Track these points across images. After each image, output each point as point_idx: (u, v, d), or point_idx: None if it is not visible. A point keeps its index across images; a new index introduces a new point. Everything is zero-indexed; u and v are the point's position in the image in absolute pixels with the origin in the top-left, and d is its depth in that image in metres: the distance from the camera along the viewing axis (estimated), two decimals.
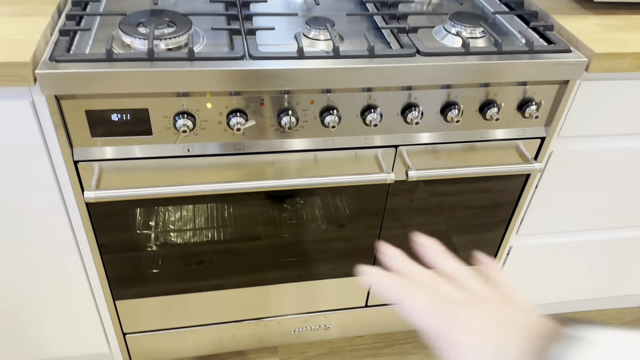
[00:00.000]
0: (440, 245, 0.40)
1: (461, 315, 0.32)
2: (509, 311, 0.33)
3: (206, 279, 1.12)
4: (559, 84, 0.94)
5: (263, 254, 1.10)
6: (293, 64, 0.82)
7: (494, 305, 0.33)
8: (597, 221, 1.22)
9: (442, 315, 0.33)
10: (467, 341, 0.31)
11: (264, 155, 0.92)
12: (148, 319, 1.16)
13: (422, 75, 0.86)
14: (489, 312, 0.32)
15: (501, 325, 0.31)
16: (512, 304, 0.34)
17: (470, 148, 1.00)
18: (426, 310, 0.34)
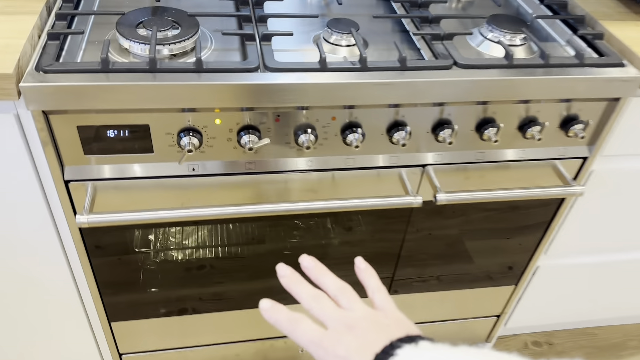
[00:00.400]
0: (321, 265, 0.44)
1: (333, 344, 0.37)
2: (373, 332, 0.37)
3: (208, 300, 1.03)
4: (607, 101, 0.84)
5: (272, 274, 1.01)
6: (314, 77, 0.72)
7: (365, 329, 0.38)
8: (630, 241, 1.13)
9: (323, 346, 0.37)
10: None
11: (277, 175, 0.83)
12: (146, 339, 1.08)
13: (459, 91, 0.76)
14: (354, 340, 0.37)
15: (360, 349, 0.36)
16: (384, 321, 0.39)
17: (504, 167, 0.90)
18: (314, 340, 0.38)
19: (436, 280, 1.12)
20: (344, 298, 0.41)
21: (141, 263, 0.92)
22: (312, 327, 0.39)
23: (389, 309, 0.41)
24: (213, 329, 1.10)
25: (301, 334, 0.39)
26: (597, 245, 1.12)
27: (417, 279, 1.10)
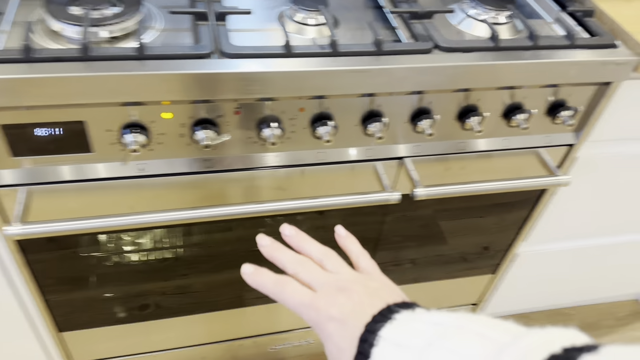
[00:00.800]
0: (302, 233, 0.43)
1: (326, 305, 0.36)
2: (366, 296, 0.36)
3: (170, 304, 0.95)
4: (597, 85, 0.77)
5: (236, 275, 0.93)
6: (278, 64, 0.62)
7: (357, 291, 0.36)
8: (611, 227, 1.09)
9: (314, 308, 0.36)
10: (331, 332, 0.35)
11: (240, 173, 0.74)
12: (104, 346, 0.99)
13: (441, 78, 0.68)
14: (347, 301, 0.36)
15: (355, 310, 0.35)
16: (372, 284, 0.38)
17: (486, 156, 0.84)
18: (304, 302, 0.37)
19: (411, 264, 1.07)
20: (329, 262, 0.40)
21: (90, 269, 0.83)
22: (300, 288, 0.38)
23: (375, 273, 0.41)
24: (177, 333, 1.02)
25: (289, 295, 0.37)
26: (577, 231, 1.08)
27: (392, 263, 1.04)
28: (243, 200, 0.76)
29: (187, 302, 0.96)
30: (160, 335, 1.01)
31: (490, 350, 0.29)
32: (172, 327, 1.00)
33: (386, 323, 0.33)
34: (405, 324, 0.33)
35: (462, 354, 0.30)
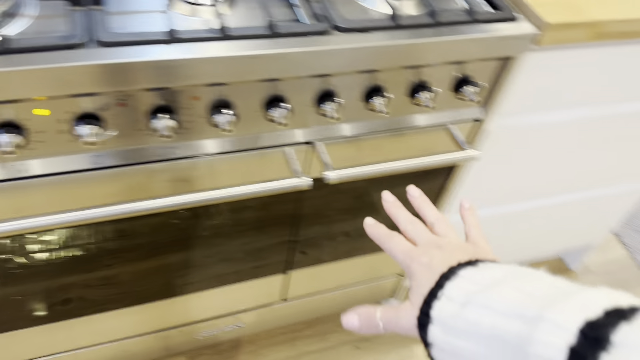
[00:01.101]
0: (425, 196, 0.47)
1: (420, 253, 0.40)
2: (460, 252, 0.39)
3: (93, 298, 0.90)
4: (501, 60, 0.77)
5: (152, 270, 0.90)
6: (162, 52, 0.58)
7: (452, 249, 0.40)
8: (526, 192, 1.13)
9: (411, 255, 0.40)
10: (417, 272, 0.38)
11: (136, 167, 0.69)
12: (16, 348, 0.94)
13: (341, 60, 0.66)
14: (439, 254, 0.39)
15: (444, 260, 0.38)
16: (471, 249, 0.41)
17: (397, 135, 0.83)
18: (404, 250, 0.41)
19: (345, 236, 1.06)
20: (440, 226, 0.43)
21: None
22: (404, 241, 0.42)
23: (482, 245, 0.42)
24: (102, 328, 0.98)
25: (394, 245, 0.42)
26: (494, 199, 1.11)
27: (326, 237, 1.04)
28: (143, 195, 0.72)
29: (112, 294, 0.92)
30: (86, 332, 0.97)
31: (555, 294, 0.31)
32: (97, 322, 0.96)
33: (468, 267, 0.36)
34: (485, 269, 0.36)
35: (524, 290, 0.32)
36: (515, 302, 0.31)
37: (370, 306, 0.41)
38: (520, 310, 0.31)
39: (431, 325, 0.35)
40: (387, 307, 0.40)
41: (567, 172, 1.11)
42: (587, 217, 1.31)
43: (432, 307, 0.35)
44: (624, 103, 0.98)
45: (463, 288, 0.35)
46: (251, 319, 1.17)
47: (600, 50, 0.83)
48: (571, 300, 0.29)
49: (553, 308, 0.29)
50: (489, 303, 0.32)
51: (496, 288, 0.33)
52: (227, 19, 0.66)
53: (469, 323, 0.33)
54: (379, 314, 0.39)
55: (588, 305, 0.28)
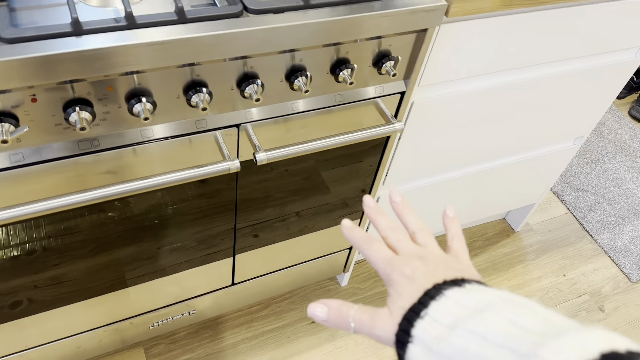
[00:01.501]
0: (407, 203, 0.45)
1: (402, 264, 0.38)
2: (443, 267, 0.37)
3: (43, 299, 0.90)
4: (416, 33, 0.80)
5: (101, 265, 0.90)
6: (66, 44, 0.58)
7: (435, 262, 0.38)
8: (462, 159, 1.17)
9: (392, 264, 0.38)
10: (398, 283, 0.37)
11: (57, 163, 0.69)
12: None
13: (256, 42, 0.67)
14: (422, 266, 0.37)
15: (427, 274, 0.37)
16: (455, 265, 0.38)
17: (326, 113, 0.85)
18: (384, 259, 0.39)
19: (297, 216, 1.09)
20: (422, 236, 0.42)
21: None
22: (385, 248, 0.40)
23: (463, 257, 0.41)
24: (53, 325, 0.97)
25: (374, 252, 0.40)
26: (431, 167, 1.15)
27: (279, 219, 1.05)
28: (69, 190, 0.72)
29: (62, 292, 0.92)
30: (35, 331, 0.96)
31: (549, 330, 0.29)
32: (47, 320, 0.96)
33: (454, 287, 0.35)
34: (472, 292, 0.34)
35: (516, 322, 0.30)
36: (507, 333, 0.30)
37: (344, 303, 0.39)
38: (512, 343, 0.29)
39: (411, 344, 0.33)
40: (362, 308, 0.38)
41: (499, 137, 1.16)
42: (525, 178, 1.38)
43: (414, 326, 0.34)
44: (537, 68, 1.03)
45: (450, 310, 0.33)
46: (206, 305, 1.18)
47: (508, 18, 0.86)
48: (567, 340, 0.28)
49: (548, 346, 0.28)
50: (479, 330, 0.31)
51: (486, 314, 0.32)
52: (139, 7, 0.66)
53: (455, 348, 0.31)
54: (352, 314, 0.38)
55: (584, 347, 0.27)
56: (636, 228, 1.71)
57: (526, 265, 1.58)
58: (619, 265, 1.61)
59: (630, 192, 1.83)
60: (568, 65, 1.06)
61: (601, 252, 1.65)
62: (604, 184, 1.84)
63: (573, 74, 1.08)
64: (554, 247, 1.64)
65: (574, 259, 1.61)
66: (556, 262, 1.60)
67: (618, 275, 1.60)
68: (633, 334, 1.46)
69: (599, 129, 2.05)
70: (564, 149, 1.33)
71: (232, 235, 1.03)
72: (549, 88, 1.08)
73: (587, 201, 1.77)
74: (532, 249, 1.62)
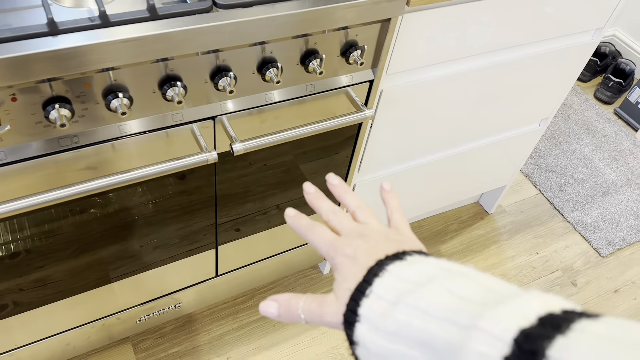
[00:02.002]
0: (345, 185, 0.45)
1: (343, 245, 0.38)
2: (383, 242, 0.38)
3: (28, 301, 0.91)
4: (380, 23, 0.84)
5: (85, 265, 0.92)
6: (43, 43, 0.60)
7: (376, 238, 0.38)
8: (433, 145, 1.22)
9: (334, 246, 0.39)
10: (342, 265, 0.37)
11: (38, 160, 0.71)
12: None
13: (226, 35, 0.70)
14: (363, 244, 0.38)
15: (369, 252, 0.37)
16: (396, 237, 0.39)
17: (299, 103, 0.88)
18: (327, 242, 0.39)
19: (277, 209, 1.12)
20: (361, 214, 0.42)
21: None
22: (327, 231, 0.41)
23: (403, 229, 0.42)
24: (39, 324, 0.99)
25: (317, 236, 0.40)
26: (404, 154, 1.19)
27: (260, 212, 1.08)
28: (50, 187, 0.74)
29: (48, 293, 0.94)
30: (23, 330, 0.98)
31: (488, 298, 0.30)
32: (33, 319, 0.97)
33: (396, 261, 0.35)
34: (414, 264, 0.35)
35: (457, 293, 0.31)
36: (448, 306, 0.31)
37: (293, 295, 0.39)
38: (453, 315, 0.30)
39: (358, 323, 0.34)
40: (310, 298, 0.38)
41: (467, 121, 1.21)
42: (495, 161, 1.43)
43: (360, 305, 0.34)
44: (498, 53, 1.07)
45: (393, 286, 0.33)
46: (191, 298, 1.21)
47: (467, 6, 0.91)
48: (504, 308, 0.28)
49: (487, 317, 0.28)
50: (420, 304, 0.31)
51: (427, 287, 0.32)
52: (112, 6, 0.69)
53: (399, 324, 0.32)
54: (301, 305, 0.38)
55: (522, 313, 0.28)
56: (604, 205, 1.79)
57: (500, 246, 1.64)
58: (589, 241, 1.68)
59: (597, 171, 1.90)
60: (528, 49, 1.11)
61: (572, 229, 1.71)
62: (572, 164, 1.91)
63: (533, 57, 1.13)
64: (526, 226, 1.70)
65: (546, 238, 1.68)
66: (529, 241, 1.66)
67: (589, 250, 1.66)
68: (605, 305, 1.53)
69: (566, 112, 2.12)
70: (530, 131, 1.39)
71: (214, 231, 1.06)
72: (511, 72, 1.13)
73: (557, 181, 1.84)
74: (505, 230, 1.68)
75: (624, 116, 2.14)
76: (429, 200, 1.45)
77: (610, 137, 2.04)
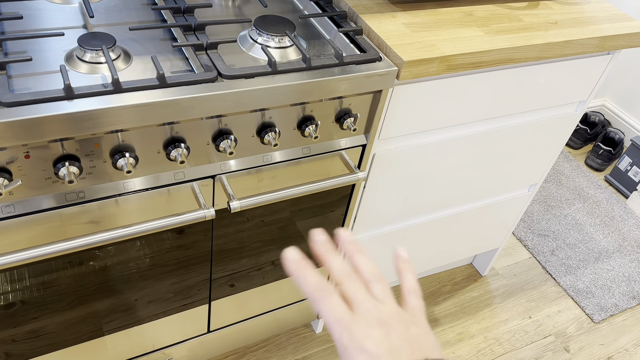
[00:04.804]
0: (359, 245, 0.40)
1: (362, 335, 0.34)
2: (407, 345, 0.35)
3: (21, 353, 0.92)
4: (373, 93, 0.90)
5: (74, 314, 0.93)
6: (58, 107, 0.65)
7: (398, 334, 0.35)
8: (425, 206, 1.26)
9: (349, 332, 0.34)
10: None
11: (45, 214, 0.75)
12: None
13: (229, 103, 0.76)
14: (385, 339, 0.34)
15: (392, 353, 0.33)
16: (415, 333, 0.36)
17: (295, 164, 0.93)
18: (340, 320, 0.35)
19: (272, 265, 1.14)
20: (377, 287, 0.37)
21: None
22: (341, 304, 0.35)
23: (420, 317, 0.38)
24: None
25: (328, 308, 0.35)
26: (396, 214, 1.23)
27: (255, 268, 1.10)
28: (53, 239, 0.78)
29: (41, 345, 0.95)
30: None
31: None
32: None
33: None
34: None
35: None
36: None
37: None
38: None
39: None
40: None
41: (457, 185, 1.25)
42: (487, 224, 1.47)
43: None
44: (485, 122, 1.14)
45: None
46: (182, 354, 1.21)
47: (455, 80, 0.98)
48: None
49: None
50: None
51: None
52: (124, 74, 0.75)
53: None
54: None
55: None
56: (596, 271, 1.81)
57: (493, 309, 1.64)
58: (582, 307, 1.68)
59: (589, 236, 1.93)
60: (514, 119, 1.18)
61: (564, 294, 1.72)
62: (564, 229, 1.94)
63: (520, 126, 1.19)
64: (519, 290, 1.71)
65: (538, 302, 1.69)
66: (522, 304, 1.67)
67: (581, 316, 1.67)
68: None
69: (558, 178, 2.18)
70: (520, 196, 1.43)
71: (208, 285, 1.08)
72: (499, 140, 1.19)
73: (549, 246, 1.87)
74: (498, 293, 1.69)
75: (615, 183, 2.20)
76: (423, 260, 1.47)
77: (602, 204, 2.09)
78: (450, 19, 1.00)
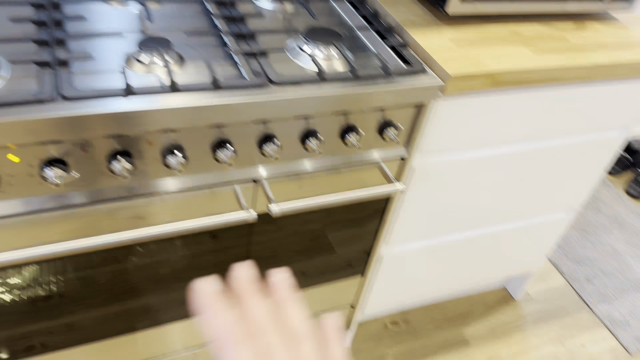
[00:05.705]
0: (295, 291, 0.34)
1: None
2: None
3: (54, 344, 0.95)
4: (416, 106, 0.91)
5: (114, 314, 0.96)
6: (119, 104, 0.68)
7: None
8: (461, 223, 1.25)
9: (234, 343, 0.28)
10: None
11: (97, 206, 0.78)
12: None
13: (277, 108, 0.78)
14: None
15: None
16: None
17: (334, 172, 0.95)
18: None
19: (302, 274, 1.15)
20: (307, 348, 0.31)
21: None
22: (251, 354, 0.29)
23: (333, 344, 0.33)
24: None
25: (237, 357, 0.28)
26: (432, 230, 1.22)
27: None
28: (103, 231, 0.80)
29: (74, 338, 0.97)
30: None
31: None
32: None
33: None
34: None
35: None
36: None
37: None
38: None
39: None
40: None
41: (495, 204, 1.24)
42: (522, 246, 1.44)
43: None
44: (527, 142, 1.13)
45: None
46: (210, 357, 1.22)
47: (499, 97, 0.98)
48: None
49: None
50: None
51: None
52: (178, 76, 0.78)
53: None
54: None
55: None
56: (634, 301, 1.75)
57: (525, 334, 1.60)
58: (618, 338, 1.63)
59: (627, 265, 1.87)
60: (557, 141, 1.17)
61: (599, 323, 1.67)
62: (602, 257, 1.89)
63: (561, 149, 1.18)
64: (552, 316, 1.67)
65: (572, 329, 1.64)
66: (555, 331, 1.62)
67: (617, 347, 1.61)
68: None
69: (596, 205, 2.13)
70: (557, 220, 1.41)
71: None
72: (539, 161, 1.18)
73: (585, 273, 1.82)
74: (531, 318, 1.65)
75: None
76: (454, 280, 1.46)
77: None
78: (497, 37, 1.00)
